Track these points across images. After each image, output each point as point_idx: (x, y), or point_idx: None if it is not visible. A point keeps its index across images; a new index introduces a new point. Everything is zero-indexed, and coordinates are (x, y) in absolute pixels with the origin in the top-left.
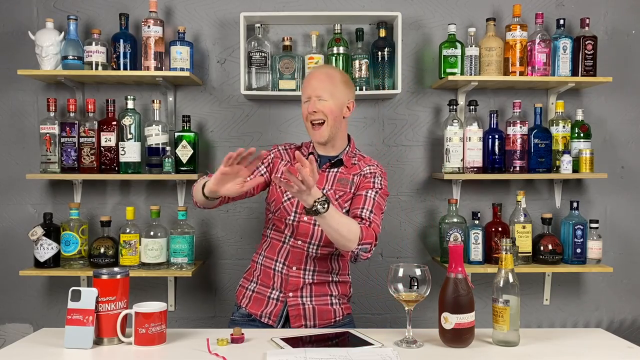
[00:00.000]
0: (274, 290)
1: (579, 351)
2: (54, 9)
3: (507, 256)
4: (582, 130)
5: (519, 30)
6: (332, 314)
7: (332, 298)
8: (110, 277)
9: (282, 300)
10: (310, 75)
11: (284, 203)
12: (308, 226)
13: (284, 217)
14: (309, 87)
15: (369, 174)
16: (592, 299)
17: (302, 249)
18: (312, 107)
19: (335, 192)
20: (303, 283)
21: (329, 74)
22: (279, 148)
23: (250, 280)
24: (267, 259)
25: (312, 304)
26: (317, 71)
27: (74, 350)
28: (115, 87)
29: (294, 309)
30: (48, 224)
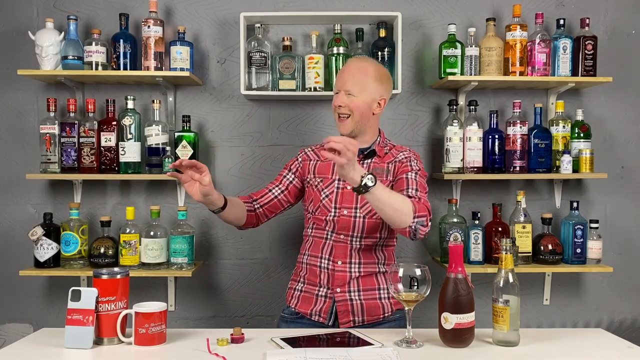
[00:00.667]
0: (321, 287)
1: (579, 351)
2: (54, 9)
3: (507, 256)
4: (582, 130)
5: (519, 30)
6: (381, 309)
7: (380, 292)
8: (110, 277)
9: (330, 297)
10: (344, 69)
11: (323, 201)
12: (349, 219)
13: (325, 214)
14: (340, 80)
15: (405, 159)
16: (592, 299)
17: (345, 242)
18: (339, 100)
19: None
20: (350, 277)
21: (363, 68)
22: (306, 151)
23: (298, 280)
24: (311, 257)
25: (360, 299)
26: (352, 64)
27: (74, 350)
28: (115, 87)
29: (341, 304)
30: (48, 224)
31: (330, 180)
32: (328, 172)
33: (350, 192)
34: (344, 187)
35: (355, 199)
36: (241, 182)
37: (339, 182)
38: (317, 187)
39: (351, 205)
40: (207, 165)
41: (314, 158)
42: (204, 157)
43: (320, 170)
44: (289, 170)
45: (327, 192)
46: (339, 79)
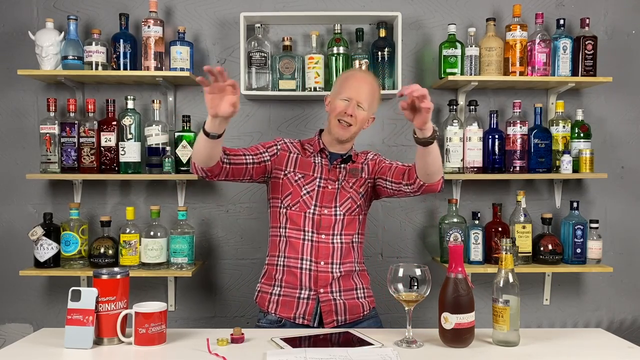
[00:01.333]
0: (302, 289)
1: (579, 351)
2: (54, 9)
3: (507, 256)
4: (582, 130)
5: (519, 30)
6: (361, 308)
7: (357, 292)
8: (110, 277)
9: (313, 298)
10: (358, 78)
11: (303, 197)
12: (330, 218)
13: (303, 210)
14: (354, 89)
15: (375, 156)
16: (592, 299)
17: (327, 242)
18: (352, 110)
19: (347, 181)
20: (332, 277)
21: (374, 86)
22: (285, 141)
23: (272, 284)
24: (290, 259)
25: (342, 299)
26: (366, 77)
27: (74, 350)
28: (115, 87)
29: (326, 304)
30: (48, 224)
31: (312, 177)
32: (309, 169)
33: (331, 192)
34: (325, 186)
35: (334, 198)
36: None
37: (319, 181)
38: (298, 182)
39: (331, 205)
40: None
41: (294, 151)
42: None
43: (302, 166)
44: (266, 150)
45: (309, 188)
46: (353, 88)
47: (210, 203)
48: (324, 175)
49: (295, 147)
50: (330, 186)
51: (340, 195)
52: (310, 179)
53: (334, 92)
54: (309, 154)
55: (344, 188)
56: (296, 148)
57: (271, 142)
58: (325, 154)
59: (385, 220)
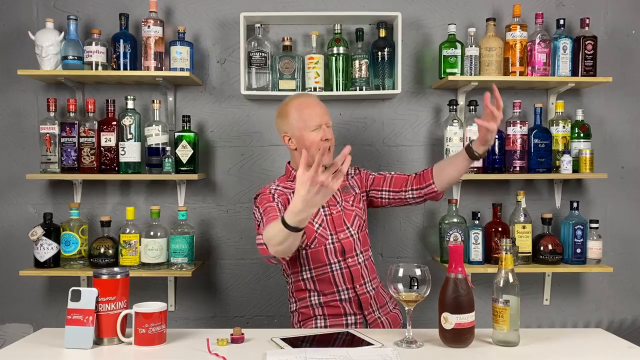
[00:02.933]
0: (349, 316)
1: (579, 351)
2: (54, 9)
3: (507, 256)
4: (582, 130)
5: (519, 30)
6: (399, 319)
7: (388, 305)
8: (110, 277)
9: (360, 322)
10: (306, 103)
11: (318, 230)
12: (349, 241)
13: (323, 244)
14: (317, 115)
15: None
16: (592, 299)
17: (356, 264)
18: (329, 134)
19: (347, 201)
20: (370, 297)
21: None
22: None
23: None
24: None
25: (385, 317)
26: (313, 99)
27: (74, 350)
28: (115, 87)
29: (373, 325)
30: (48, 224)
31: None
32: None
33: (339, 216)
34: (330, 212)
35: (344, 220)
36: (241, 182)
37: (324, 209)
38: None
39: (343, 227)
40: (207, 166)
41: (288, 192)
42: (204, 157)
43: None
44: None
45: (318, 221)
46: (313, 115)
47: (210, 203)
48: (325, 204)
49: (285, 186)
50: (335, 211)
51: (346, 216)
52: (316, 212)
53: (295, 127)
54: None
55: (346, 208)
56: (286, 188)
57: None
58: None
59: (385, 220)
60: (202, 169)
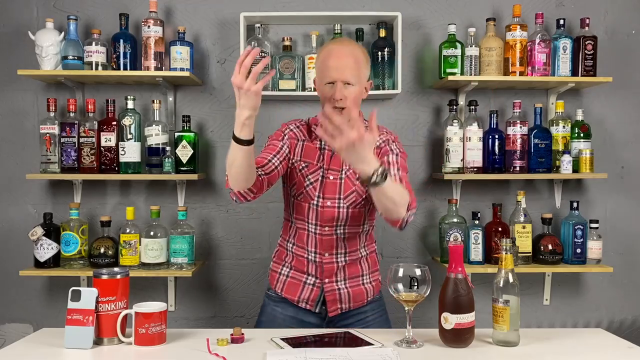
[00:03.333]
0: (309, 276)
1: (579, 351)
2: (54, 9)
3: (507, 256)
4: (582, 130)
5: (519, 30)
6: (365, 295)
7: (363, 278)
8: (110, 277)
9: (318, 286)
10: (334, 53)
11: (307, 187)
12: (332, 211)
13: (307, 201)
14: (335, 70)
15: (383, 143)
16: (592, 299)
17: (330, 234)
18: (339, 93)
19: (354, 172)
20: (337, 267)
21: (355, 54)
22: (291, 128)
23: (282, 264)
24: (297, 247)
25: (347, 288)
26: (342, 49)
27: (74, 350)
28: (115, 87)
29: (330, 294)
30: (48, 224)
31: (315, 167)
32: (313, 158)
33: (334, 182)
34: (327, 176)
35: (338, 190)
36: None
37: (323, 171)
38: (302, 171)
39: (334, 196)
40: (207, 165)
41: (300, 138)
42: (204, 157)
43: (306, 153)
44: (283, 142)
45: (312, 179)
46: (334, 68)
47: (210, 203)
48: (326, 165)
49: (302, 131)
50: (332, 176)
51: (344, 187)
52: (314, 168)
53: (318, 74)
54: (315, 137)
55: (349, 179)
56: (302, 133)
57: (279, 133)
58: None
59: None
60: (202, 169)
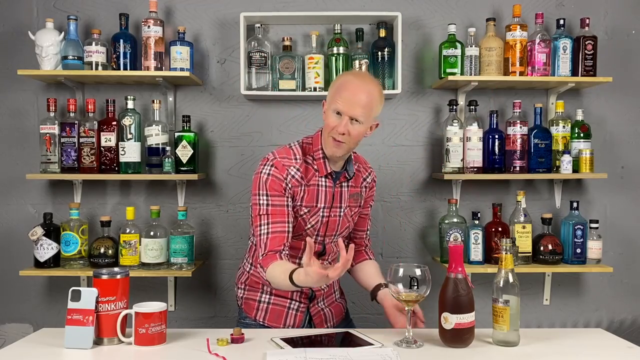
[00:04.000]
0: (292, 301)
1: (579, 351)
2: (54, 9)
3: (507, 256)
4: (582, 130)
5: (519, 30)
6: (342, 309)
7: (335, 295)
8: (110, 277)
9: (302, 311)
10: (353, 87)
11: (307, 230)
12: (329, 245)
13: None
14: (347, 103)
15: (371, 183)
16: (592, 299)
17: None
18: (343, 128)
19: (350, 209)
20: (323, 293)
21: (372, 93)
22: (291, 173)
23: (260, 291)
24: None
25: (328, 307)
26: (362, 85)
27: (74, 350)
28: (115, 87)
29: (317, 316)
30: (48, 224)
31: (316, 209)
32: (313, 200)
33: (334, 221)
34: (329, 215)
35: (337, 227)
36: (241, 182)
37: (323, 211)
38: (303, 217)
39: (332, 233)
40: (207, 166)
41: (301, 183)
42: (204, 157)
43: (309, 199)
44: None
45: (313, 221)
46: (346, 101)
47: (210, 203)
48: (328, 204)
49: (301, 172)
50: (334, 214)
51: (342, 223)
52: (315, 211)
53: (329, 98)
54: (311, 173)
55: (346, 216)
56: (302, 174)
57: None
58: (332, 176)
59: (385, 220)
60: (202, 169)
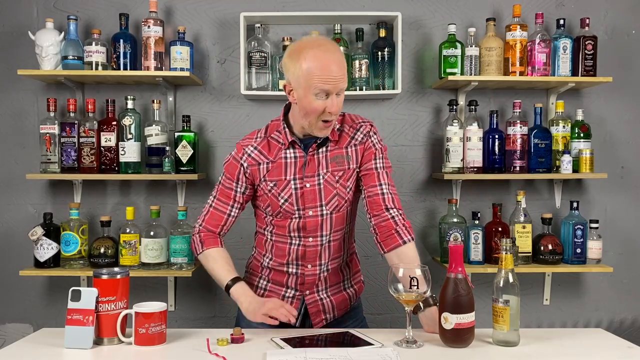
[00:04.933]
0: (288, 289)
1: (579, 351)
2: (54, 9)
3: (507, 256)
4: (582, 130)
5: (519, 30)
6: (348, 300)
7: (344, 283)
8: (110, 277)
9: (298, 299)
10: (327, 61)
11: (283, 206)
12: (316, 220)
13: (288, 218)
14: (330, 80)
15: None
16: (592, 299)
17: (315, 245)
18: (337, 107)
19: (333, 174)
20: (318, 278)
21: (342, 57)
22: (248, 152)
23: (259, 276)
24: (275, 262)
25: (329, 296)
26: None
27: (74, 350)
28: (115, 87)
29: (312, 305)
30: (48, 224)
31: (285, 181)
32: (280, 173)
33: (312, 191)
34: (303, 185)
35: (318, 197)
36: None
37: (295, 182)
38: (272, 192)
39: (316, 204)
40: (207, 166)
41: (262, 160)
42: (204, 157)
43: (272, 173)
44: (237, 183)
45: (285, 195)
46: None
47: None
48: (299, 174)
49: (262, 151)
50: (309, 184)
51: (325, 192)
52: (284, 184)
53: (300, 83)
54: (277, 148)
55: (328, 183)
56: (262, 154)
57: (236, 165)
58: (298, 145)
59: None
60: (202, 169)
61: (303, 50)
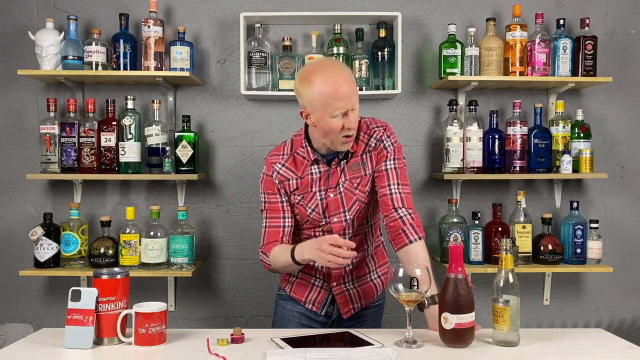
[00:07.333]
0: (317, 279)
1: (579, 351)
2: (54, 9)
3: (507, 256)
4: (582, 130)
5: (519, 30)
6: (374, 291)
7: (370, 274)
8: (110, 277)
9: (326, 289)
10: (338, 82)
11: (310, 215)
12: (340, 225)
13: (315, 225)
14: (344, 99)
15: (378, 143)
16: (592, 299)
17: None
18: (355, 123)
19: (351, 182)
20: (345, 272)
21: (348, 74)
22: (278, 170)
23: None
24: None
25: (356, 287)
26: (342, 75)
27: (74, 350)
28: (115, 87)
29: (340, 296)
30: (48, 224)
31: (311, 193)
32: (307, 187)
33: (335, 200)
34: (327, 195)
35: (342, 204)
36: (241, 182)
37: (320, 193)
38: (300, 203)
39: (339, 211)
40: (207, 166)
41: (291, 176)
42: (204, 157)
43: (301, 187)
44: (279, 194)
45: (312, 206)
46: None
47: (210, 203)
48: (323, 186)
49: (289, 168)
50: (332, 194)
51: (346, 199)
52: (310, 195)
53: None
54: (303, 165)
55: (348, 190)
56: (290, 170)
57: (271, 180)
58: (321, 161)
59: None
60: (202, 169)
61: (312, 75)
